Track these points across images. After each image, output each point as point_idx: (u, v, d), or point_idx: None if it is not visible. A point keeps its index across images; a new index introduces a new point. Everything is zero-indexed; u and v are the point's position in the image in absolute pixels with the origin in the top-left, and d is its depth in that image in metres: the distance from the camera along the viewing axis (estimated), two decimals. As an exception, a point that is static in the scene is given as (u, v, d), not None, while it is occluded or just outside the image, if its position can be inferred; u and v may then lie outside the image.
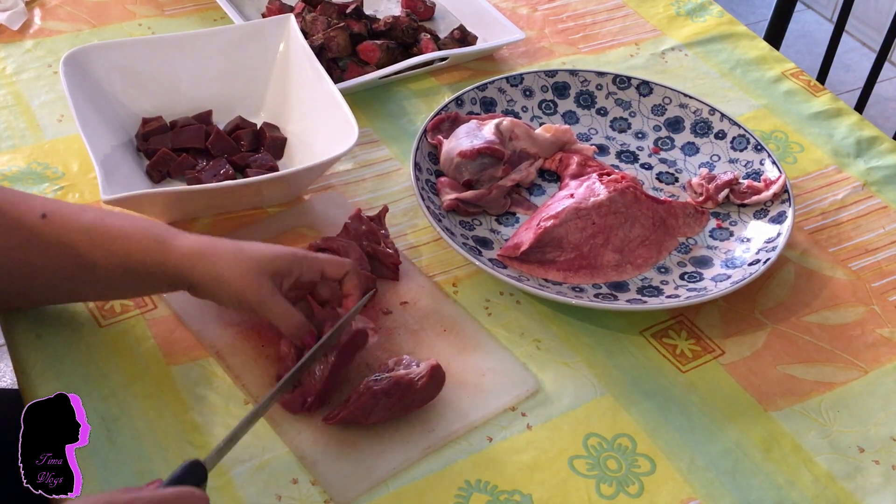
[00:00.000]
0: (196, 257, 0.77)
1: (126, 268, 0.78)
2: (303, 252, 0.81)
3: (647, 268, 0.95)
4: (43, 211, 0.78)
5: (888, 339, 0.91)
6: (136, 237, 0.78)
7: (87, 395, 0.79)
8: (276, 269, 0.78)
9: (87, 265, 0.78)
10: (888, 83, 2.75)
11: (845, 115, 1.18)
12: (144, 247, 0.77)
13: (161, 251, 0.77)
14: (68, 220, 0.78)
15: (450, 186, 0.99)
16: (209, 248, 0.78)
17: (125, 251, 0.77)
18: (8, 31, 1.19)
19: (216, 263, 0.77)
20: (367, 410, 0.77)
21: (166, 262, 0.77)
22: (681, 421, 0.83)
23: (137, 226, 0.80)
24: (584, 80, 1.12)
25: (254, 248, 0.79)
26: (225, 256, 0.77)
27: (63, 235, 0.77)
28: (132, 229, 0.79)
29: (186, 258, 0.77)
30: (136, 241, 0.78)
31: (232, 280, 0.77)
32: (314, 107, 1.03)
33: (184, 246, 0.78)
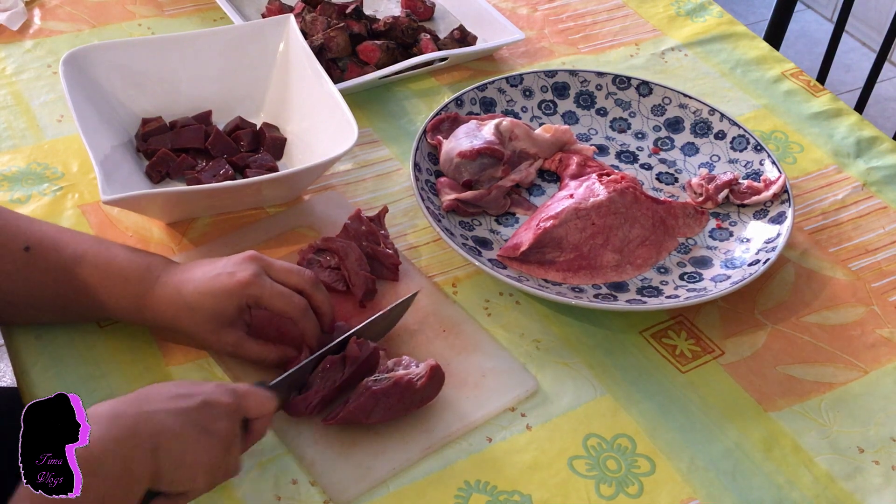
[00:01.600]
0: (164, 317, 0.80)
1: (98, 307, 0.81)
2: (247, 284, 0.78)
3: (646, 268, 0.95)
4: (27, 243, 0.79)
5: (888, 339, 0.91)
6: (113, 289, 0.79)
7: (87, 395, 0.79)
8: (227, 317, 0.79)
9: (66, 303, 0.81)
10: (888, 83, 2.75)
11: (845, 115, 1.18)
12: (119, 301, 0.80)
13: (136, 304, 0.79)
14: (50, 256, 0.79)
15: (449, 187, 0.99)
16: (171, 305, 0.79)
17: (101, 301, 0.80)
18: (8, 31, 1.19)
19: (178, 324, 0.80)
20: (367, 411, 0.77)
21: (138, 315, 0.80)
22: (681, 421, 0.83)
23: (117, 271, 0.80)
24: (583, 80, 1.12)
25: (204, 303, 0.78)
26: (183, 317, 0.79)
27: (45, 273, 0.79)
28: (110, 278, 0.79)
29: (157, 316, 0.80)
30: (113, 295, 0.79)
31: (198, 338, 0.80)
32: (314, 107, 1.03)
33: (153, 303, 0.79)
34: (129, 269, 0.80)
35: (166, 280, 0.80)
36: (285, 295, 0.79)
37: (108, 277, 0.79)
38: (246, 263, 0.79)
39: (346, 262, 0.89)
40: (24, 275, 0.79)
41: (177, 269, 0.81)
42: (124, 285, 0.79)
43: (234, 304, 0.78)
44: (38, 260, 0.79)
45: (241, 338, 0.80)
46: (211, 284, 0.78)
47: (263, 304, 0.79)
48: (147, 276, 0.80)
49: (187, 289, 0.79)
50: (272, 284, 0.79)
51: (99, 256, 0.80)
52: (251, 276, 0.78)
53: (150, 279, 0.80)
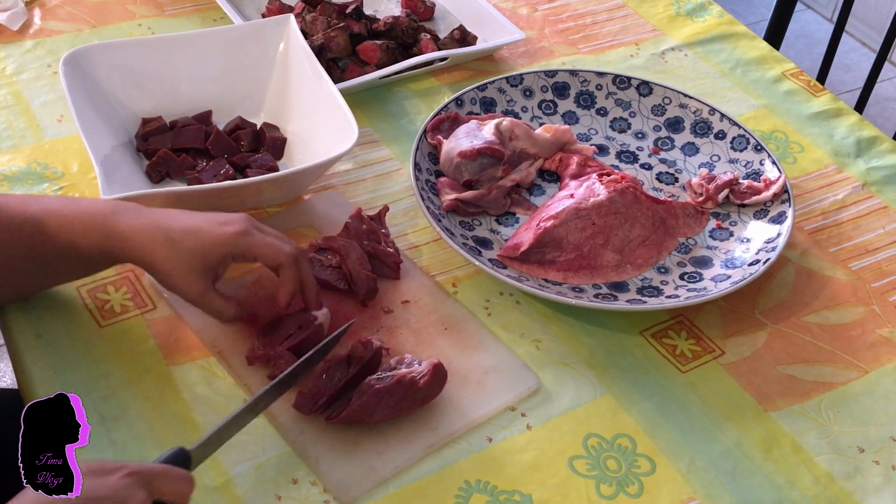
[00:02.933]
0: (133, 247, 0.79)
1: (72, 254, 0.80)
2: (238, 234, 0.79)
3: (646, 268, 0.95)
4: None
5: (888, 339, 0.91)
6: (81, 224, 0.79)
7: (87, 395, 0.79)
8: (206, 261, 0.79)
9: (35, 256, 0.80)
10: (888, 83, 2.75)
11: (845, 115, 1.18)
12: (90, 233, 0.79)
13: (103, 237, 0.79)
14: (14, 214, 0.79)
15: (450, 186, 0.99)
16: (147, 236, 0.78)
17: (69, 240, 0.79)
18: (8, 31, 1.19)
19: (152, 256, 0.78)
20: (370, 409, 0.77)
21: (108, 248, 0.79)
22: (680, 421, 0.83)
23: (81, 209, 0.80)
24: (584, 80, 1.12)
25: (185, 242, 0.78)
26: (160, 249, 0.78)
27: (11, 230, 0.79)
28: (75, 215, 0.79)
29: (126, 247, 0.79)
30: (82, 229, 0.79)
31: (166, 274, 0.79)
32: (314, 107, 1.03)
33: (124, 232, 0.79)
34: (94, 207, 0.80)
35: (138, 215, 0.80)
36: (275, 245, 0.80)
37: (75, 220, 0.79)
38: (238, 218, 0.81)
39: (347, 260, 0.89)
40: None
41: (150, 209, 0.82)
42: (92, 221, 0.79)
43: (221, 251, 0.79)
44: (3, 220, 0.79)
45: (208, 287, 0.80)
46: (200, 227, 0.79)
47: (253, 253, 0.79)
48: (116, 211, 0.80)
49: (170, 224, 0.79)
50: (262, 236, 0.80)
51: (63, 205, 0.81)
52: (244, 227, 0.80)
53: (118, 213, 0.80)
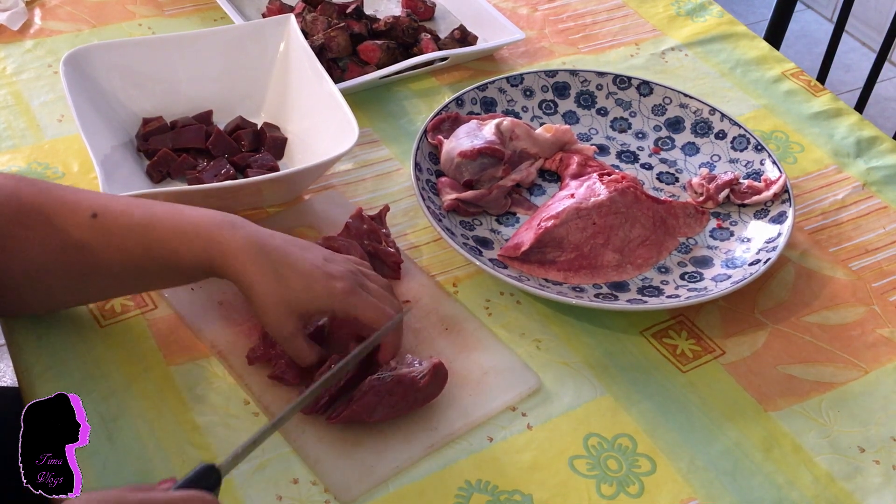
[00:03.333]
0: (237, 268, 0.76)
1: (175, 265, 0.78)
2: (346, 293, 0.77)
3: (647, 268, 0.95)
4: (93, 210, 0.77)
5: (888, 339, 0.91)
6: (187, 236, 0.77)
7: (87, 395, 0.79)
8: (306, 311, 0.77)
9: (136, 264, 0.78)
10: (888, 83, 2.75)
11: (845, 115, 1.18)
12: (196, 246, 0.77)
13: (211, 253, 0.76)
14: (119, 220, 0.77)
15: (450, 186, 0.99)
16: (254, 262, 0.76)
17: (177, 250, 0.77)
18: (8, 31, 1.19)
19: (255, 284, 0.76)
20: (371, 408, 0.77)
21: (213, 263, 0.77)
22: (681, 421, 0.83)
23: (190, 220, 0.77)
24: (584, 80, 1.12)
25: (295, 284, 0.76)
26: (264, 281, 0.76)
27: (114, 237, 0.77)
28: (184, 225, 0.77)
29: (229, 265, 0.76)
30: (187, 241, 0.77)
31: (261, 306, 0.77)
32: (314, 107, 1.03)
33: (232, 251, 0.76)
34: (204, 220, 0.78)
35: (250, 233, 0.77)
36: (378, 308, 0.78)
37: (182, 230, 0.77)
38: (347, 272, 0.79)
39: (347, 261, 0.89)
40: (94, 243, 0.77)
41: (261, 228, 0.79)
42: (198, 235, 0.77)
43: (324, 306, 0.77)
44: (108, 225, 0.77)
45: (298, 331, 0.78)
46: (310, 272, 0.77)
47: (357, 315, 0.78)
48: (226, 226, 0.77)
49: (281, 258, 0.77)
50: (367, 296, 0.78)
51: (170, 213, 0.78)
52: (352, 286, 0.78)
53: (229, 228, 0.77)
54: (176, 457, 0.76)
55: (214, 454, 0.76)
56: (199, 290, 0.88)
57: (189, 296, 0.88)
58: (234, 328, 0.85)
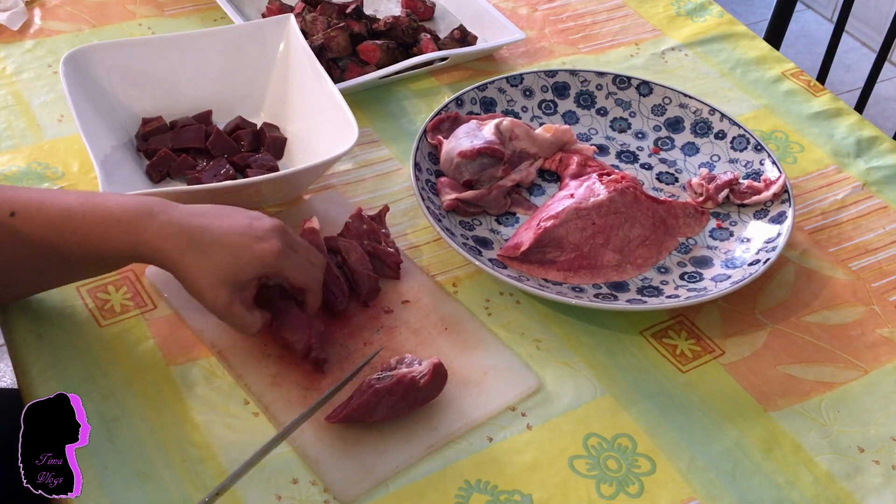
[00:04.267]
0: (159, 255, 0.77)
1: (97, 256, 0.78)
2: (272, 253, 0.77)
3: (647, 268, 0.95)
4: (11, 209, 0.77)
5: (888, 339, 0.91)
6: (106, 228, 0.77)
7: (87, 395, 0.79)
8: (238, 278, 0.78)
9: (59, 258, 0.79)
10: (888, 83, 2.75)
11: (845, 115, 1.18)
12: (115, 237, 0.77)
13: (132, 242, 0.77)
14: (38, 216, 0.77)
15: (450, 186, 0.99)
16: (175, 245, 0.76)
17: (96, 243, 0.77)
18: (8, 31, 1.19)
19: (179, 265, 0.77)
20: (370, 408, 0.77)
21: (135, 252, 0.77)
22: (681, 421, 0.83)
23: (107, 212, 0.77)
24: (584, 80, 1.12)
25: (219, 255, 0.77)
26: (188, 259, 0.76)
27: (34, 233, 0.77)
28: (102, 218, 0.77)
29: (152, 253, 0.77)
30: (106, 233, 0.77)
31: (192, 285, 0.77)
32: (314, 107, 1.03)
33: (152, 239, 0.76)
34: (120, 210, 0.78)
35: (168, 218, 0.77)
36: (306, 268, 0.80)
37: (99, 223, 0.77)
38: (273, 231, 0.79)
39: (348, 260, 0.89)
40: (11, 241, 0.77)
41: (180, 208, 0.79)
42: (117, 226, 0.77)
43: (254, 270, 0.78)
44: (25, 222, 0.77)
45: (234, 299, 0.78)
46: (234, 241, 0.77)
47: (285, 275, 0.79)
48: (143, 214, 0.77)
49: (202, 234, 0.77)
50: (296, 256, 0.79)
51: (87, 205, 0.78)
52: (280, 246, 0.78)
53: (146, 216, 0.77)
54: (176, 457, 0.76)
55: (214, 454, 0.76)
56: (199, 290, 0.88)
57: (189, 296, 0.87)
58: (233, 328, 0.85)
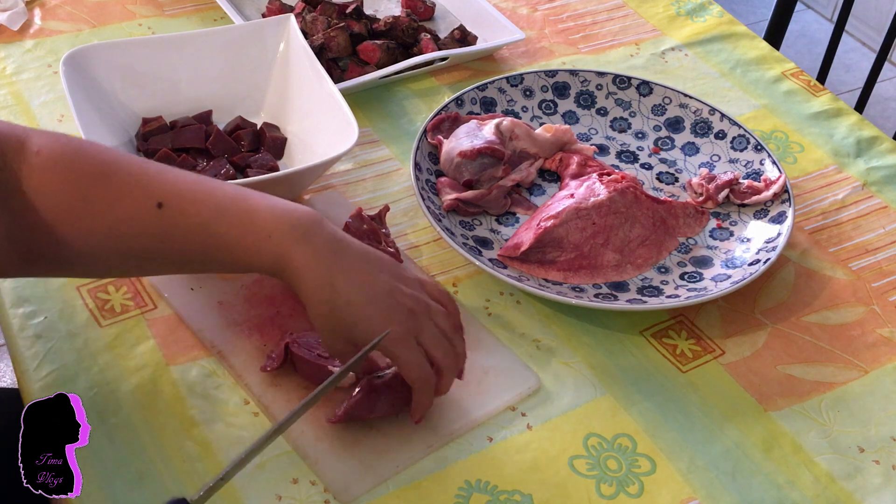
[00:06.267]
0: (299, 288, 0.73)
1: (236, 268, 0.76)
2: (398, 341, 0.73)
3: (647, 268, 0.95)
4: (160, 199, 0.73)
5: (888, 339, 0.91)
6: (253, 247, 0.73)
7: (87, 395, 0.79)
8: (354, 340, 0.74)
9: (200, 261, 0.76)
10: (888, 83, 2.75)
11: (845, 115, 1.18)
12: (256, 259, 0.73)
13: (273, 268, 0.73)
14: (185, 214, 0.73)
15: (450, 186, 0.99)
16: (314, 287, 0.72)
17: (237, 259, 0.74)
18: (8, 31, 1.19)
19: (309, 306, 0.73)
20: (370, 406, 0.77)
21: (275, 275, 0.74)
22: (681, 421, 0.83)
23: (260, 223, 0.73)
24: (584, 80, 1.12)
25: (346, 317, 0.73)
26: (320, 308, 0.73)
27: (178, 233, 0.73)
28: (247, 235, 0.73)
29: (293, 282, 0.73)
30: (252, 253, 0.73)
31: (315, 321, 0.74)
32: (314, 107, 1.03)
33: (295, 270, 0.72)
34: (273, 224, 0.73)
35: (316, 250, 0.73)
36: (421, 367, 0.74)
37: (249, 234, 0.73)
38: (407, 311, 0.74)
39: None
40: (158, 233, 0.73)
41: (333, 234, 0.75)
42: (266, 241, 0.73)
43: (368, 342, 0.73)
44: (174, 217, 0.73)
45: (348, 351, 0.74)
46: (370, 304, 0.73)
47: (394, 362, 0.75)
48: (294, 236, 0.73)
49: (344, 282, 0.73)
50: (415, 350, 0.74)
51: (240, 209, 0.74)
52: (405, 333, 0.73)
53: (297, 240, 0.73)
54: (176, 457, 0.76)
55: (214, 454, 0.76)
56: (199, 290, 0.88)
57: (189, 296, 0.88)
58: (234, 328, 0.85)
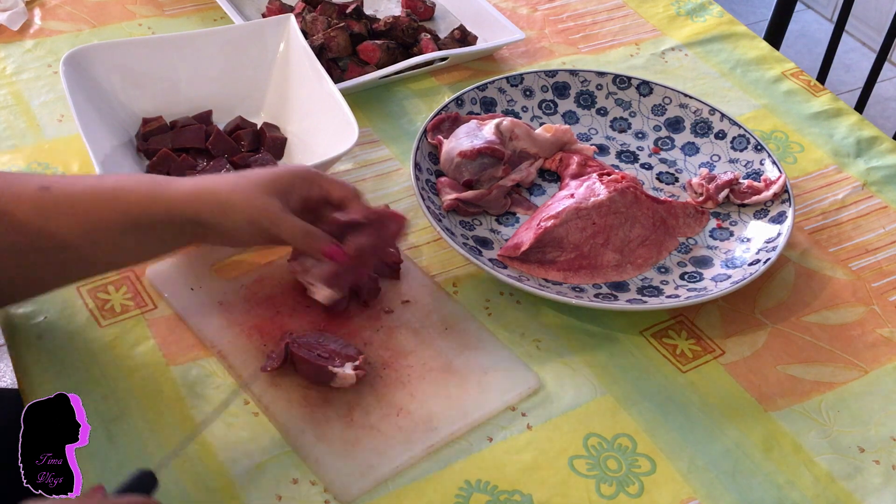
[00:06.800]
0: (199, 193, 0.77)
1: (131, 222, 0.76)
2: (304, 169, 0.81)
3: (647, 268, 0.95)
4: (42, 184, 0.76)
5: (888, 339, 0.91)
6: (136, 189, 0.77)
7: (87, 395, 0.79)
8: (279, 187, 0.78)
9: (93, 229, 0.75)
10: (888, 83, 2.75)
11: (845, 115, 1.18)
12: (146, 195, 0.76)
13: (164, 197, 0.76)
14: (69, 187, 0.76)
15: (450, 186, 0.99)
16: (209, 182, 0.78)
17: (128, 204, 0.76)
18: (8, 31, 1.19)
19: (220, 193, 0.77)
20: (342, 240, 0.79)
21: (171, 206, 0.76)
22: (681, 421, 0.83)
23: (135, 178, 0.80)
24: (584, 80, 1.12)
25: (253, 173, 0.80)
26: (226, 185, 0.78)
27: (65, 202, 0.75)
28: (131, 183, 0.78)
29: (190, 197, 0.77)
30: (137, 193, 0.77)
31: (239, 205, 0.77)
32: (314, 107, 1.03)
33: (184, 186, 0.78)
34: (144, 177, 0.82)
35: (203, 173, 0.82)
36: (341, 180, 0.82)
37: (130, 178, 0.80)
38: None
39: (347, 261, 0.89)
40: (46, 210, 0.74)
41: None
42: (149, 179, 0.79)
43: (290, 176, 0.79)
44: (58, 193, 0.75)
45: (284, 209, 0.78)
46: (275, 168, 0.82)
47: (324, 185, 0.80)
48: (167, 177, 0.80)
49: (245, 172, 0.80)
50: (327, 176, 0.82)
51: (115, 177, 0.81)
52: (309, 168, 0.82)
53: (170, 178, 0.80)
54: (176, 457, 0.76)
55: (214, 453, 0.76)
56: (199, 290, 0.88)
57: (189, 296, 0.88)
58: (234, 328, 0.85)
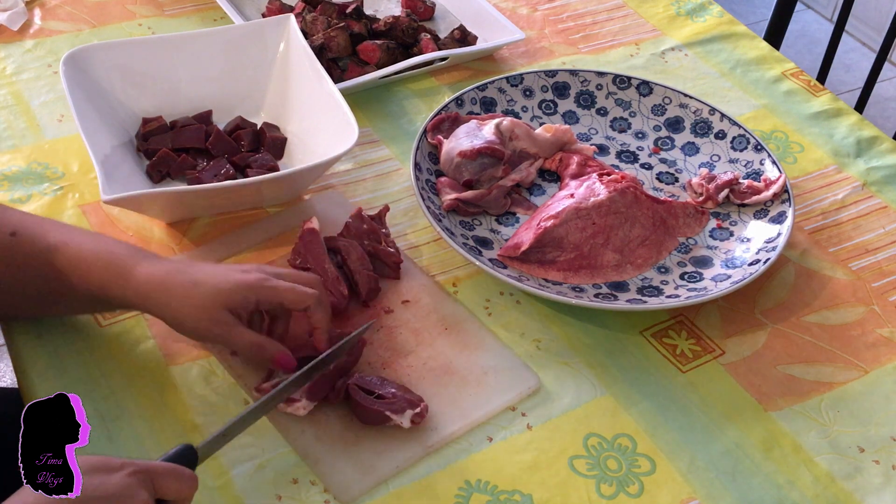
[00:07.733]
0: (151, 292, 0.77)
1: (87, 293, 0.79)
2: (260, 280, 0.78)
3: (647, 268, 0.95)
4: (12, 229, 0.79)
5: (888, 339, 0.91)
6: (97, 264, 0.78)
7: (87, 395, 0.79)
8: (231, 301, 0.77)
9: (52, 286, 0.79)
10: (888, 83, 2.75)
11: (845, 115, 1.18)
12: (105, 275, 0.78)
13: (120, 283, 0.78)
14: (36, 240, 0.79)
15: (450, 186, 0.99)
16: (165, 281, 0.77)
17: (87, 278, 0.78)
18: (8, 31, 1.19)
19: (171, 299, 0.77)
20: None
21: (124, 293, 0.78)
22: (681, 421, 0.83)
23: (101, 249, 0.79)
24: (584, 80, 1.12)
25: (209, 282, 0.77)
26: (178, 291, 0.77)
27: (30, 256, 0.78)
28: (94, 255, 0.78)
29: (142, 292, 0.77)
30: (97, 269, 0.78)
31: (188, 315, 0.77)
32: (314, 107, 1.03)
33: (141, 277, 0.77)
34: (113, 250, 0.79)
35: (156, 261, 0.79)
36: (298, 289, 0.79)
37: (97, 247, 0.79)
38: (255, 267, 0.81)
39: (348, 260, 0.89)
40: (11, 259, 0.78)
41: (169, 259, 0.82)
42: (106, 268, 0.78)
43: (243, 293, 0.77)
44: (24, 245, 0.78)
45: (236, 322, 0.78)
46: (221, 272, 0.79)
47: (279, 297, 0.78)
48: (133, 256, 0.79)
49: (190, 269, 0.78)
50: (283, 282, 0.79)
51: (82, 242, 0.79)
52: (264, 275, 0.79)
53: (136, 258, 0.79)
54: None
55: (214, 454, 0.76)
56: (199, 290, 0.88)
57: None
58: (233, 328, 0.85)
